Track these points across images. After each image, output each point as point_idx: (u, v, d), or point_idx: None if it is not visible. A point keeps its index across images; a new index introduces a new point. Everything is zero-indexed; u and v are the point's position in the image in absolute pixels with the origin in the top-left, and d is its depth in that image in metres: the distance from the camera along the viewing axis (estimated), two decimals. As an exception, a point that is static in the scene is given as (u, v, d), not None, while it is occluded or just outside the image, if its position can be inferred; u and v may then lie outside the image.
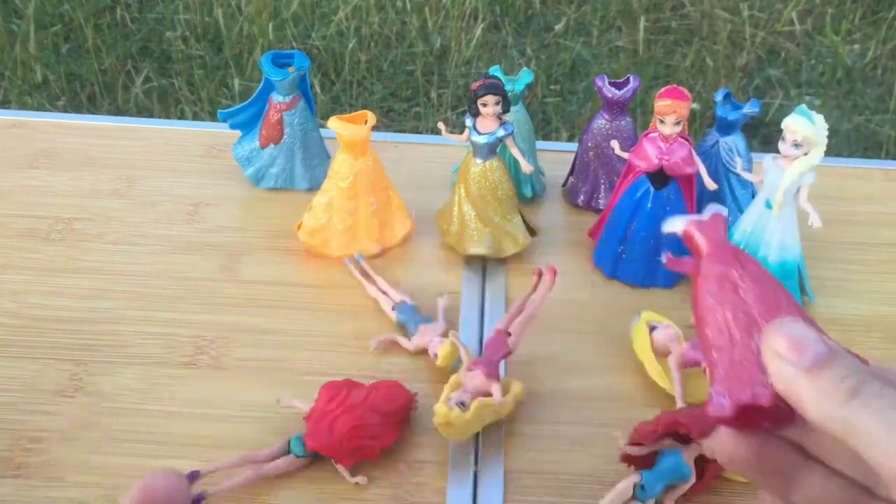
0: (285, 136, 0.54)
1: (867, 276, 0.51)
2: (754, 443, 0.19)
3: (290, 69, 0.52)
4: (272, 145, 0.54)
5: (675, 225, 0.20)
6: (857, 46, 1.32)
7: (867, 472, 0.18)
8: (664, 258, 0.21)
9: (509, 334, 0.41)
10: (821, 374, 0.17)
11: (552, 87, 1.24)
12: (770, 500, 0.20)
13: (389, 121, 1.19)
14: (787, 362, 0.17)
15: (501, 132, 0.47)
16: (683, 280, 0.50)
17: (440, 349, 0.42)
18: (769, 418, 0.18)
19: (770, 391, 0.17)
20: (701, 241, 0.20)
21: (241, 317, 0.46)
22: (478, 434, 0.40)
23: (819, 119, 0.43)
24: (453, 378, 0.40)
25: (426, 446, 0.40)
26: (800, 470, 0.19)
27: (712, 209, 0.21)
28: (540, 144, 0.57)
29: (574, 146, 0.56)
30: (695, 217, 0.20)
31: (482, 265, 0.50)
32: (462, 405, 0.38)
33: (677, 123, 0.46)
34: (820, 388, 0.16)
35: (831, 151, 0.47)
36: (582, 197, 0.55)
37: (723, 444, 0.19)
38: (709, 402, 0.18)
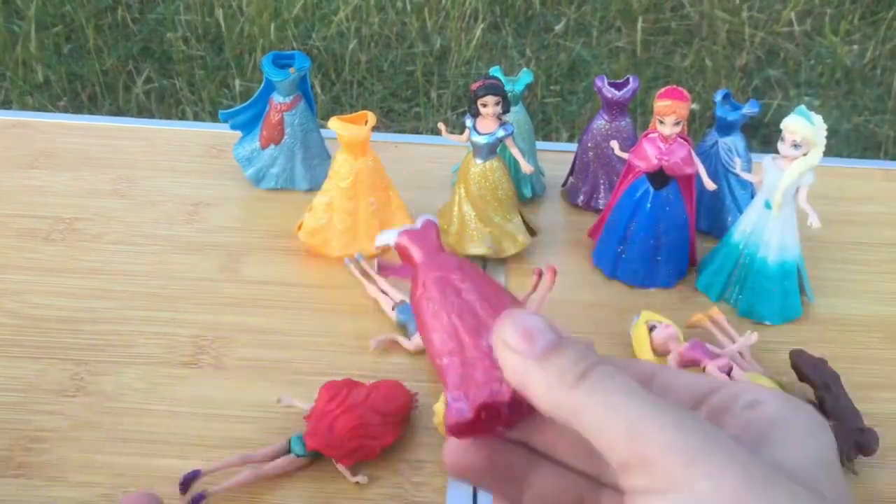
0: (286, 137, 0.54)
1: (867, 276, 0.51)
2: (483, 449, 0.18)
3: (291, 70, 0.52)
4: (273, 145, 0.54)
5: (386, 238, 0.20)
6: (855, 47, 1.32)
7: (595, 461, 0.17)
8: (378, 268, 0.21)
9: None
10: (550, 360, 0.16)
11: (552, 87, 1.24)
12: None
13: (389, 121, 1.19)
14: (517, 353, 0.16)
15: (501, 132, 0.47)
16: (683, 280, 0.50)
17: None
18: (507, 419, 0.18)
19: (507, 387, 0.17)
20: (414, 250, 0.19)
21: (241, 317, 0.46)
22: (478, 433, 0.40)
23: (818, 119, 0.43)
24: None
25: (426, 446, 0.40)
26: (529, 470, 0.18)
27: (423, 218, 0.20)
28: (540, 145, 0.57)
29: (574, 146, 0.56)
30: (405, 227, 0.20)
31: (482, 265, 0.51)
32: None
33: (677, 124, 0.46)
34: (549, 374, 0.16)
35: (830, 152, 0.48)
36: (582, 197, 0.55)
37: (451, 454, 0.18)
38: (446, 412, 0.17)
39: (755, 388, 0.17)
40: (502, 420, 0.17)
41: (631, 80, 0.51)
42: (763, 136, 1.12)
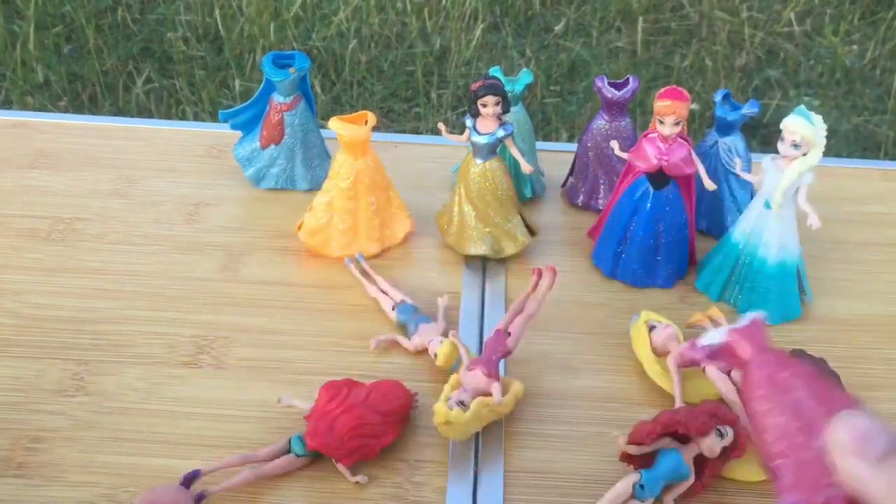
0: (286, 137, 0.54)
1: (866, 276, 0.51)
2: None
3: (291, 70, 0.52)
4: (273, 146, 0.54)
5: (716, 337, 0.20)
6: (855, 47, 1.32)
7: None
8: (703, 364, 0.22)
9: (509, 334, 0.41)
10: (888, 464, 0.16)
11: (552, 87, 1.24)
12: None
13: (389, 121, 1.19)
14: (854, 456, 0.16)
15: (501, 132, 0.47)
16: (683, 280, 0.50)
17: (440, 349, 0.42)
18: None
19: (841, 492, 0.17)
20: (745, 348, 0.20)
21: (241, 317, 0.46)
22: (478, 434, 0.40)
23: (818, 120, 0.43)
24: (453, 377, 0.40)
25: (426, 446, 0.40)
26: None
27: (750, 316, 0.21)
28: (540, 145, 0.57)
29: (574, 146, 0.56)
30: (734, 326, 0.20)
31: (482, 265, 0.51)
32: (462, 405, 0.38)
33: (676, 124, 0.46)
34: (889, 479, 0.16)
35: (830, 152, 0.48)
36: (581, 197, 0.55)
37: None
38: None
39: None
40: None
41: (631, 80, 0.51)
42: (763, 137, 1.12)
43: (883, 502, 0.16)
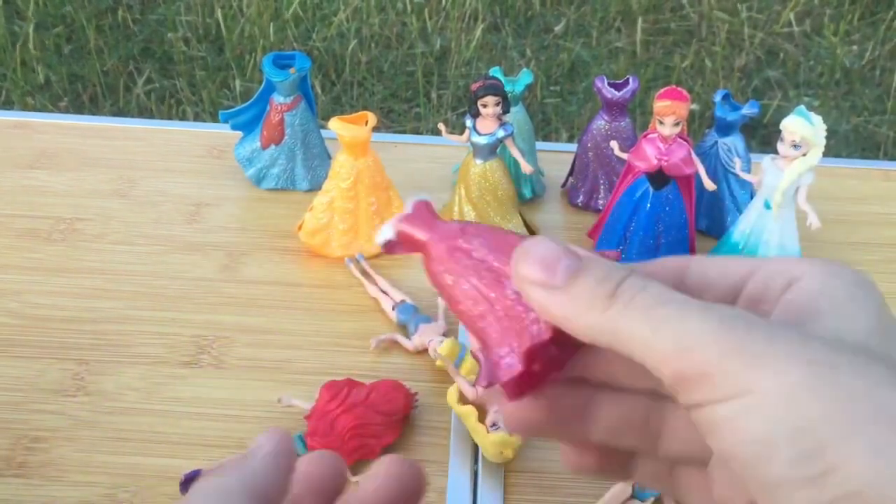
0: (286, 137, 0.54)
1: (866, 277, 0.51)
2: (542, 398, 0.17)
3: (291, 70, 0.52)
4: (273, 146, 0.54)
5: (385, 233, 0.19)
6: (855, 47, 1.32)
7: (651, 376, 0.15)
8: (382, 245, 0.19)
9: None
10: (576, 286, 0.15)
11: (552, 87, 1.24)
12: (571, 453, 0.18)
13: (390, 121, 1.19)
14: (541, 286, 0.15)
15: (501, 133, 0.47)
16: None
17: (440, 349, 0.42)
18: (559, 360, 0.17)
19: (546, 325, 0.16)
20: (415, 232, 0.18)
21: (241, 317, 0.46)
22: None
23: (817, 120, 0.43)
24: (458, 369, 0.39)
25: (426, 446, 0.40)
26: (591, 405, 0.17)
27: (411, 200, 0.19)
28: (540, 145, 0.57)
29: (573, 147, 0.56)
30: (398, 215, 0.19)
31: (482, 265, 0.51)
32: (496, 427, 0.36)
33: (676, 124, 0.46)
34: (578, 302, 0.15)
35: (829, 152, 0.48)
36: (581, 197, 0.55)
37: (511, 413, 0.17)
38: (495, 370, 0.16)
39: (788, 263, 0.16)
40: (555, 363, 0.17)
41: (630, 80, 0.51)
42: (762, 137, 1.12)
43: (578, 326, 0.15)
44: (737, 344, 0.13)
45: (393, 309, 0.46)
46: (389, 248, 0.19)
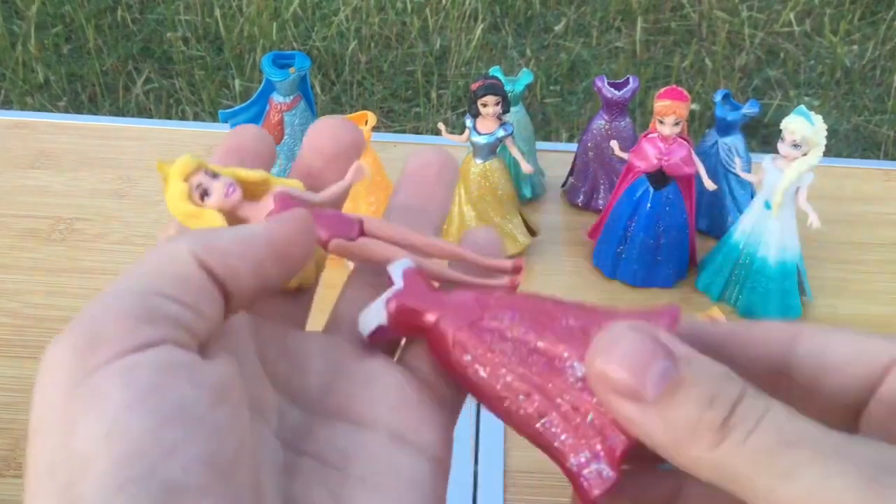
0: (286, 137, 0.54)
1: (867, 277, 0.51)
2: (625, 497, 0.14)
3: (291, 70, 0.52)
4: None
5: (374, 317, 0.15)
6: (855, 47, 1.32)
7: None
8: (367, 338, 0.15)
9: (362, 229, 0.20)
10: (673, 406, 0.11)
11: (552, 87, 1.24)
12: None
13: (390, 121, 1.19)
14: (625, 396, 0.12)
15: (501, 132, 0.47)
16: (683, 280, 0.50)
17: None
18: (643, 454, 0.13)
19: (623, 436, 0.13)
20: (422, 312, 0.14)
21: (241, 317, 0.46)
22: (478, 434, 0.40)
23: (818, 119, 0.43)
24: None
25: (426, 446, 0.40)
26: (679, 497, 0.14)
27: (396, 270, 0.15)
28: (540, 145, 0.57)
29: (574, 147, 0.56)
30: (389, 292, 0.15)
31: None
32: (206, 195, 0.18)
33: (676, 124, 0.46)
34: (676, 429, 0.11)
35: (830, 152, 0.48)
36: (581, 197, 0.55)
37: None
38: (582, 484, 0.13)
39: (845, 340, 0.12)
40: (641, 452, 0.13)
41: (631, 80, 0.51)
42: (763, 137, 1.12)
43: (675, 457, 0.12)
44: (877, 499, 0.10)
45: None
46: (378, 336, 0.15)
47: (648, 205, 0.47)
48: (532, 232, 0.51)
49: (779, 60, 1.31)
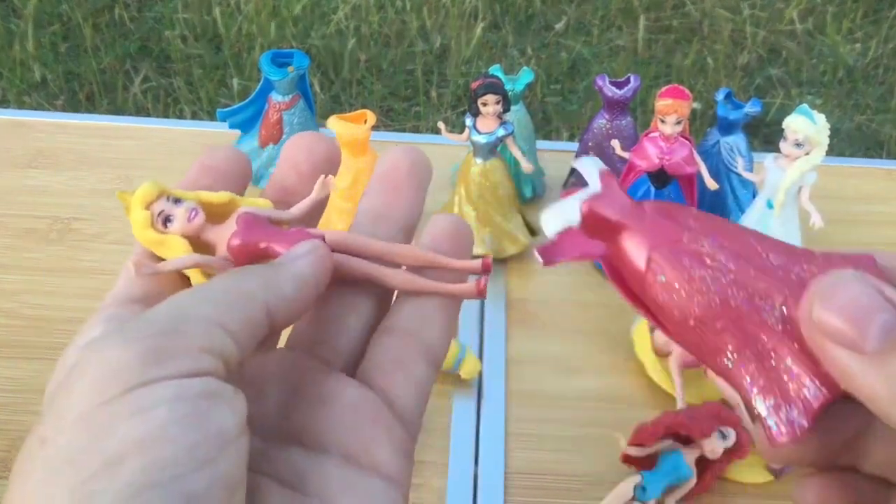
0: (284, 136, 0.54)
1: (869, 276, 0.51)
2: (812, 439, 0.13)
3: (290, 68, 0.52)
4: (271, 145, 0.54)
5: (564, 215, 0.14)
6: (858, 45, 1.32)
7: None
8: (543, 257, 0.14)
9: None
10: (893, 359, 0.11)
11: (552, 86, 1.24)
12: (821, 489, 0.14)
13: (389, 120, 1.19)
14: (844, 345, 0.11)
15: (501, 132, 0.47)
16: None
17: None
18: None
19: (826, 389, 0.12)
20: (621, 217, 0.13)
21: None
22: (478, 434, 0.40)
23: (820, 118, 0.43)
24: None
25: (426, 446, 0.40)
26: (866, 436, 0.14)
27: (590, 167, 0.14)
28: (540, 144, 0.57)
29: (574, 146, 0.56)
30: (584, 193, 0.14)
31: (482, 265, 0.50)
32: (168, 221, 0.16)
33: (678, 123, 0.45)
34: (894, 381, 0.11)
35: (832, 151, 0.47)
36: (582, 196, 0.55)
37: (774, 454, 0.13)
38: (772, 432, 0.12)
39: None
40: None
41: (632, 78, 0.51)
42: (765, 136, 1.12)
43: (887, 411, 0.11)
44: None
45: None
46: (557, 249, 0.14)
47: (650, 204, 0.47)
48: (532, 231, 0.51)
49: (781, 59, 1.30)
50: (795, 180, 0.44)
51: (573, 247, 0.14)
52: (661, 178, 0.47)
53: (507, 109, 0.47)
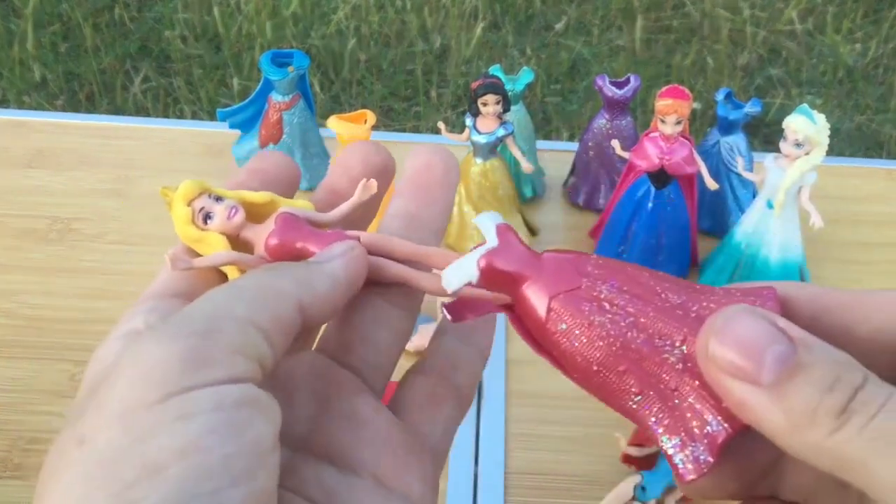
0: (285, 136, 0.54)
1: (869, 277, 0.51)
2: (723, 472, 0.14)
3: (290, 68, 0.52)
4: (271, 145, 0.54)
5: (464, 272, 0.14)
6: (858, 45, 1.32)
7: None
8: (449, 313, 0.14)
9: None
10: (790, 390, 0.11)
11: (552, 86, 1.24)
12: None
13: (389, 120, 1.19)
14: (740, 379, 0.11)
15: (501, 132, 0.47)
16: (685, 279, 0.50)
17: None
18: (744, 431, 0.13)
19: (729, 424, 0.12)
20: (512, 270, 0.13)
21: (240, 317, 0.46)
22: (478, 434, 0.40)
23: (820, 118, 0.43)
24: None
25: (426, 447, 0.39)
26: (780, 464, 0.14)
27: (489, 222, 0.14)
28: (540, 144, 0.57)
29: (574, 146, 0.56)
30: (482, 249, 0.14)
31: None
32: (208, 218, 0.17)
33: (678, 123, 0.45)
34: (792, 413, 0.11)
35: (832, 151, 0.47)
36: (582, 197, 0.55)
37: (688, 487, 0.13)
38: (678, 468, 0.12)
39: None
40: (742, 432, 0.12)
41: (632, 78, 0.51)
42: (765, 136, 1.12)
43: (789, 443, 0.11)
44: None
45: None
46: (457, 310, 0.14)
47: (650, 204, 0.47)
48: (532, 231, 0.51)
49: (781, 59, 1.30)
50: (795, 180, 0.43)
51: (481, 302, 0.14)
52: (661, 178, 0.47)
53: (507, 109, 0.47)
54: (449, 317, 0.15)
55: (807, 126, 0.42)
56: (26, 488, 0.37)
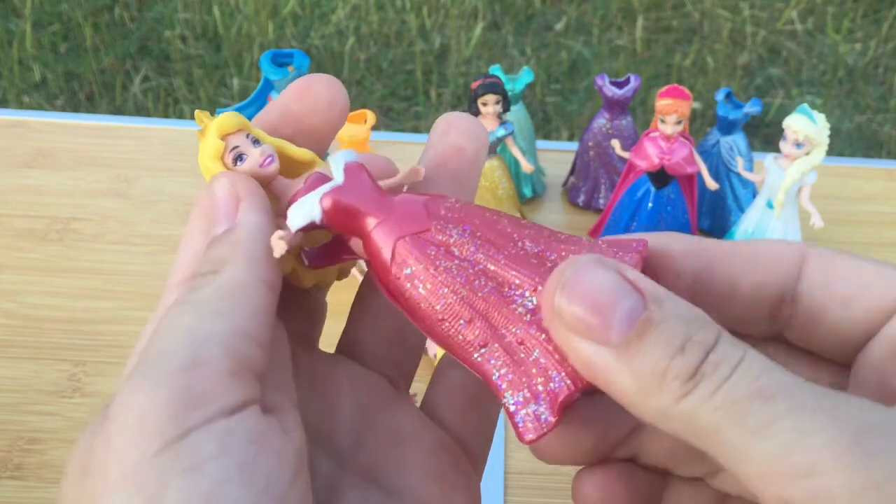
0: (284, 136, 0.54)
1: (869, 276, 0.51)
2: (572, 430, 0.13)
3: (290, 68, 0.52)
4: (271, 145, 0.54)
5: (306, 211, 0.13)
6: (858, 45, 1.32)
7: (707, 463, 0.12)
8: (308, 259, 0.13)
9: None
10: (640, 352, 0.10)
11: (552, 86, 1.24)
12: (598, 485, 0.13)
13: (389, 120, 1.19)
14: (586, 337, 0.10)
15: (501, 132, 0.47)
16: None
17: (439, 349, 0.42)
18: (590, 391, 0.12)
19: (573, 382, 0.11)
20: (364, 208, 0.12)
21: (240, 317, 0.46)
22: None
23: (820, 118, 0.43)
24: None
25: (426, 447, 0.39)
26: (637, 433, 0.13)
27: (339, 161, 0.13)
28: (540, 144, 0.57)
29: (574, 146, 0.56)
30: (326, 186, 0.13)
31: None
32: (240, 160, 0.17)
33: (678, 123, 0.45)
34: (641, 375, 0.10)
35: (832, 151, 0.47)
36: (582, 197, 0.55)
37: (537, 449, 0.13)
38: (518, 426, 0.12)
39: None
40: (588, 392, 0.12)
41: (632, 78, 0.51)
42: (765, 136, 1.12)
43: (637, 406, 0.10)
44: (881, 478, 0.09)
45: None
46: (314, 256, 0.13)
47: (650, 204, 0.47)
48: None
49: (781, 59, 1.30)
50: (795, 180, 0.43)
51: (339, 248, 0.13)
52: (661, 178, 0.47)
53: (506, 109, 0.47)
54: (306, 262, 0.13)
55: (807, 126, 0.42)
56: (26, 488, 0.37)
